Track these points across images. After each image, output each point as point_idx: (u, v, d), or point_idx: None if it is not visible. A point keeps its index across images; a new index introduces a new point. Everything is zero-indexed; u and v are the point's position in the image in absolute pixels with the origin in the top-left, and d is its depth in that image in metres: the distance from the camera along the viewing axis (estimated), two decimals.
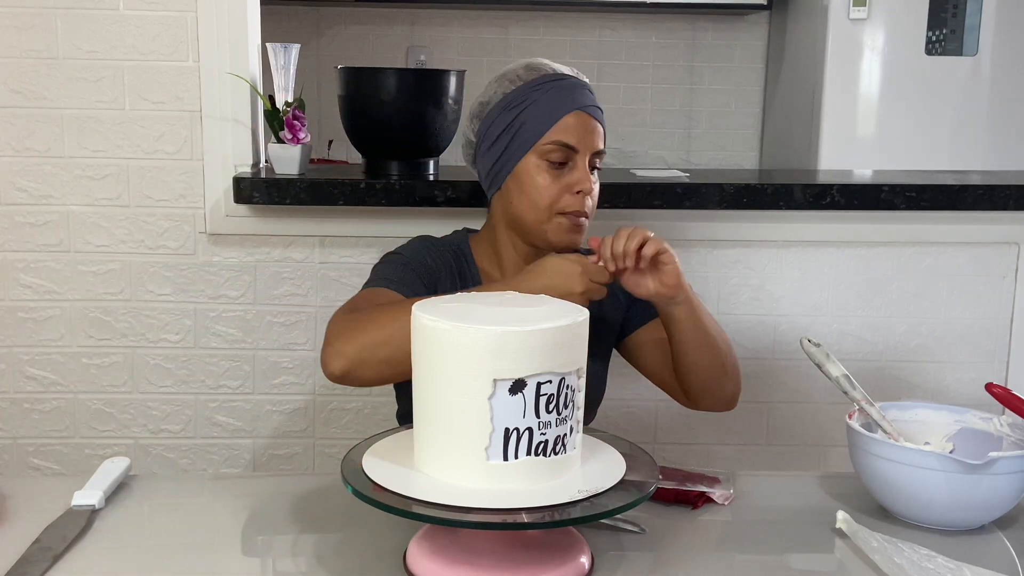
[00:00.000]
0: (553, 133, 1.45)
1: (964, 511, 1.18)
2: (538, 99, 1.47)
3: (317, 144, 3.23)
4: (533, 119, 1.46)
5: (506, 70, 1.53)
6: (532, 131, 1.46)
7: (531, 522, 0.98)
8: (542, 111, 1.46)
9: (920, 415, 1.33)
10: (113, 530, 1.16)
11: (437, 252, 1.54)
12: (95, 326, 1.91)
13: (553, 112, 1.46)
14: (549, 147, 1.45)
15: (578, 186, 1.46)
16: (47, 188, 1.87)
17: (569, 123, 1.46)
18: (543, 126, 1.46)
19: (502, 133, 1.48)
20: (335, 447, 1.98)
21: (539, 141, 1.46)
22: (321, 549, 1.15)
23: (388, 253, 1.55)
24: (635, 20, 3.73)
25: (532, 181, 1.46)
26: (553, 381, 1.00)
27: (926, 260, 2.01)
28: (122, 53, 1.84)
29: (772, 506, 1.26)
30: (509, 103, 1.48)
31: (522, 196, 1.48)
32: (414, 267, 1.49)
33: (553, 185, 1.46)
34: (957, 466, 1.15)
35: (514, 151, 1.48)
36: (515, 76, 1.50)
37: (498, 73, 1.54)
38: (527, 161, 1.47)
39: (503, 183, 1.50)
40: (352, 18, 3.67)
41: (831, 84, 3.16)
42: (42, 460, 1.95)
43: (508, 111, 1.48)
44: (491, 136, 1.50)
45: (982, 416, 1.30)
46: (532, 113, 1.46)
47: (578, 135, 1.46)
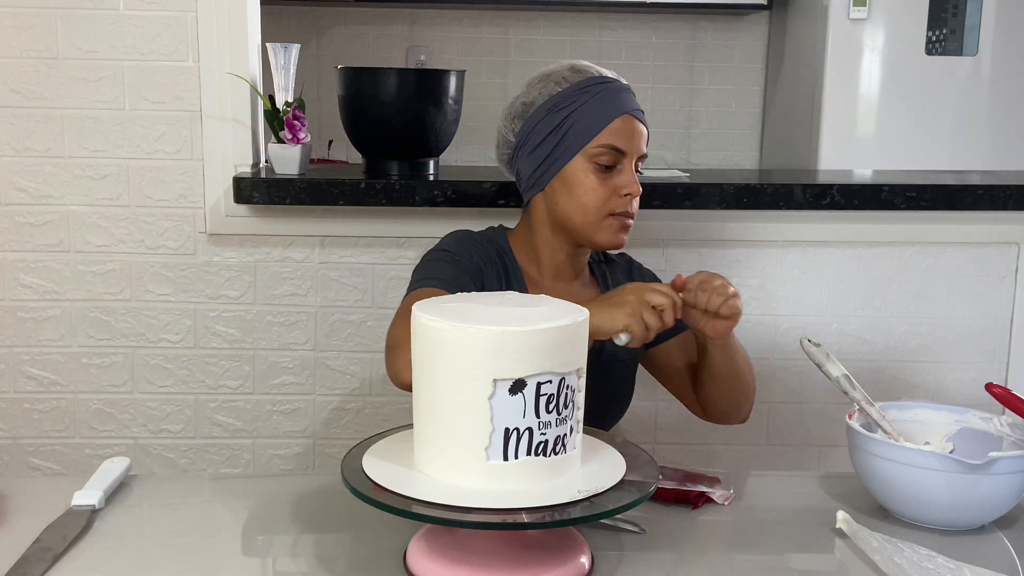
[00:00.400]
0: (603, 136, 1.45)
1: (964, 511, 1.18)
2: (587, 102, 1.46)
3: (317, 144, 3.23)
4: (582, 122, 1.46)
5: (550, 71, 1.52)
6: (581, 134, 1.46)
7: (531, 522, 0.98)
8: (591, 114, 1.46)
9: (920, 415, 1.33)
10: (113, 530, 1.16)
11: (482, 249, 1.53)
12: (95, 326, 1.91)
13: (603, 115, 1.46)
14: (598, 150, 1.45)
15: (626, 189, 1.46)
16: (47, 188, 1.87)
17: (618, 127, 1.46)
18: (593, 129, 1.45)
19: (549, 135, 1.47)
20: (335, 447, 1.98)
21: (588, 144, 1.45)
22: (321, 549, 1.15)
23: (434, 250, 1.54)
24: (635, 20, 3.73)
25: (581, 183, 1.46)
26: (553, 381, 1.00)
27: (926, 260, 2.01)
28: (122, 53, 1.84)
29: (772, 506, 1.26)
30: (556, 104, 1.47)
31: (570, 198, 1.47)
32: (464, 265, 1.49)
33: (602, 187, 1.46)
34: (957, 466, 1.15)
35: (561, 153, 1.47)
36: (561, 78, 1.50)
37: (540, 73, 1.53)
38: (575, 163, 1.46)
39: (547, 184, 1.49)
40: (352, 18, 3.67)
41: (831, 84, 3.16)
42: (42, 460, 1.95)
43: (555, 113, 1.47)
44: (536, 137, 1.49)
45: (982, 416, 1.30)
46: (581, 116, 1.46)
47: (626, 139, 1.46)
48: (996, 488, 1.16)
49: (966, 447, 1.27)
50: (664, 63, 3.75)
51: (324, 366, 1.96)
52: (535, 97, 1.50)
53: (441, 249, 1.53)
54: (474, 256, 1.51)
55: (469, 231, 1.58)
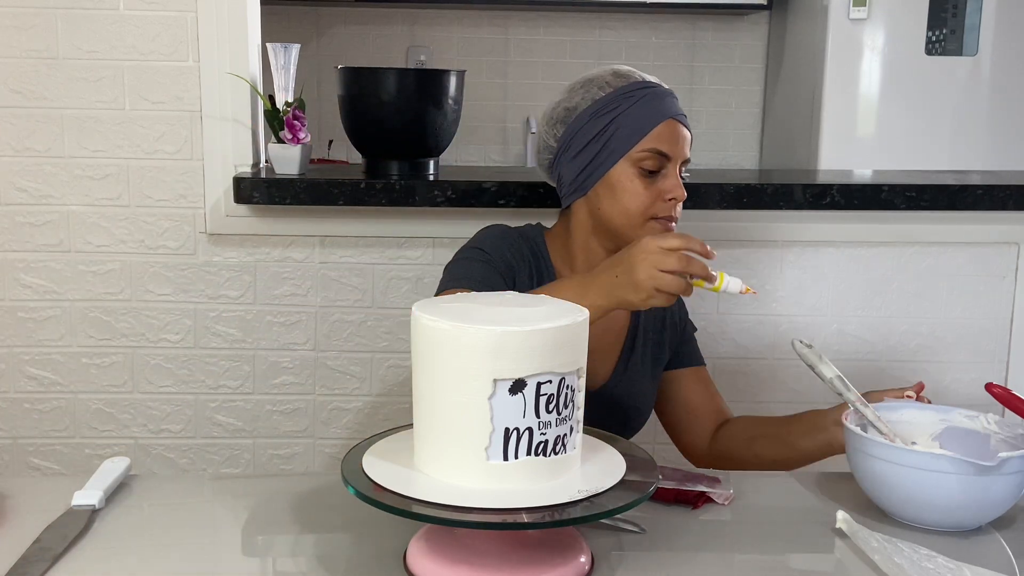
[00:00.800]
0: (647, 141, 1.44)
1: (972, 512, 1.18)
2: (631, 106, 1.45)
3: (317, 144, 3.23)
4: (627, 126, 1.45)
5: (592, 75, 1.51)
6: (626, 138, 1.45)
7: (531, 522, 0.98)
8: (636, 119, 1.45)
9: (906, 415, 1.32)
10: (113, 530, 1.16)
11: (515, 246, 1.52)
12: (95, 326, 1.91)
13: (648, 120, 1.45)
14: (643, 155, 1.44)
15: (671, 193, 1.45)
16: (47, 188, 1.87)
17: (662, 131, 1.45)
18: (637, 134, 1.45)
19: (592, 140, 1.46)
20: (335, 447, 1.98)
21: (633, 148, 1.45)
22: (321, 549, 1.15)
23: (468, 247, 1.52)
24: (635, 20, 3.73)
25: (625, 188, 1.45)
26: (553, 381, 1.00)
27: (926, 260, 2.01)
28: (122, 53, 1.84)
29: (772, 506, 1.26)
30: (599, 109, 1.46)
31: (614, 202, 1.46)
32: (496, 265, 1.48)
33: (646, 192, 1.45)
34: (969, 468, 1.13)
35: (605, 158, 1.46)
36: (603, 82, 1.49)
37: (582, 78, 1.52)
38: (619, 168, 1.45)
39: (590, 189, 1.48)
40: (352, 18, 3.67)
41: (831, 84, 3.16)
42: (42, 460, 1.95)
43: (599, 117, 1.46)
44: (579, 142, 1.48)
45: (967, 414, 1.30)
46: (625, 120, 1.45)
47: (671, 143, 1.46)
48: (1004, 488, 1.16)
49: (952, 446, 1.26)
50: (664, 63, 3.75)
51: (324, 366, 1.96)
52: (578, 102, 1.49)
53: (475, 247, 1.51)
54: (506, 254, 1.50)
55: (506, 227, 1.57)
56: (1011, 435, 1.25)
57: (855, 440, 1.22)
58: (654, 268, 1.22)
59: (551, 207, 1.84)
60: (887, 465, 1.18)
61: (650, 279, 1.23)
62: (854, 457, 1.23)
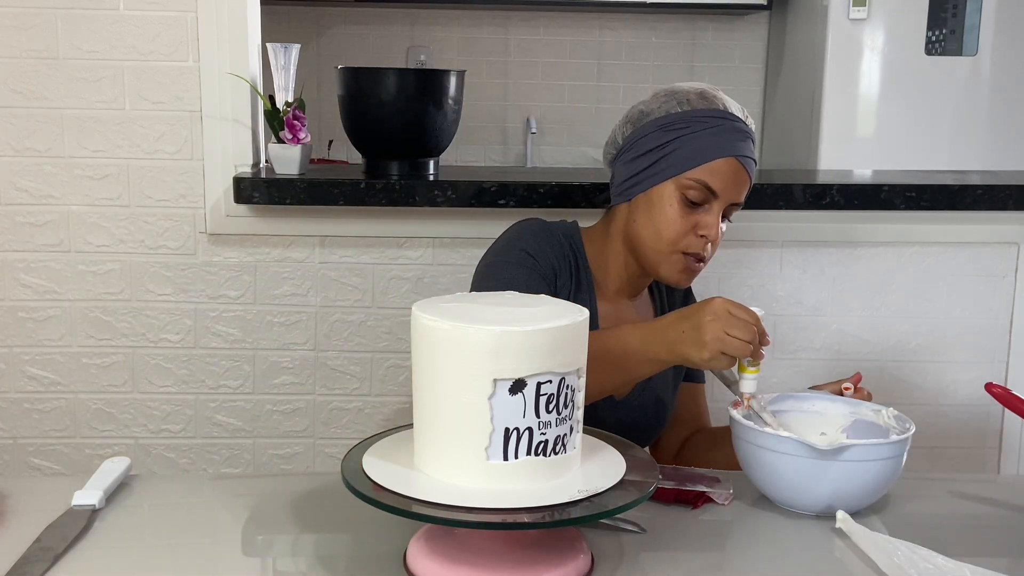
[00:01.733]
0: (701, 171, 1.41)
1: (814, 494, 1.21)
2: (699, 131, 1.42)
3: (317, 144, 3.23)
4: (687, 149, 1.42)
5: (680, 88, 1.48)
6: (681, 161, 1.42)
7: (531, 522, 0.98)
8: (699, 145, 1.42)
9: (818, 406, 1.35)
10: (113, 530, 1.16)
11: (557, 245, 1.50)
12: (95, 326, 1.91)
13: (709, 150, 1.42)
14: (691, 183, 1.42)
15: (704, 230, 1.43)
16: (47, 188, 1.87)
17: (720, 167, 1.42)
18: (694, 161, 1.42)
19: (651, 150, 1.44)
20: (335, 447, 1.98)
21: (684, 173, 1.42)
22: (321, 549, 1.15)
23: (513, 247, 1.48)
24: (635, 20, 3.73)
25: (663, 210, 1.43)
26: (553, 381, 1.00)
27: (926, 260, 2.01)
28: (122, 53, 1.84)
29: (772, 506, 1.26)
30: (669, 124, 1.44)
31: (648, 220, 1.45)
32: (540, 270, 1.46)
33: (681, 220, 1.43)
34: (807, 451, 1.18)
35: (656, 172, 1.44)
36: (685, 99, 1.46)
37: (670, 87, 1.49)
38: (665, 187, 1.43)
39: (634, 198, 1.47)
40: (352, 18, 3.67)
41: (831, 84, 3.16)
42: (42, 460, 1.95)
43: (665, 131, 1.44)
44: (639, 148, 1.46)
45: (873, 408, 1.33)
46: (688, 143, 1.42)
47: (724, 182, 1.42)
48: (846, 474, 1.19)
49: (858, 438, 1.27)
50: (664, 63, 3.75)
51: (324, 366, 1.96)
52: (653, 109, 1.47)
53: (520, 249, 1.48)
54: (551, 257, 1.48)
55: (544, 223, 1.54)
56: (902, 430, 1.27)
57: (733, 427, 1.28)
58: (722, 331, 1.22)
59: (551, 207, 1.84)
60: (750, 447, 1.24)
61: (717, 341, 1.22)
62: (735, 442, 1.28)
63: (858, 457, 1.18)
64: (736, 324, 1.22)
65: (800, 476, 1.20)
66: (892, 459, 1.20)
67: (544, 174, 2.04)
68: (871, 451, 1.19)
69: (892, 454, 1.20)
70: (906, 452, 1.23)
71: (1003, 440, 2.07)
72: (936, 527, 1.23)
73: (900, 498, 1.31)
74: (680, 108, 1.45)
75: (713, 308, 1.24)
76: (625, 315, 1.54)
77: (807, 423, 1.33)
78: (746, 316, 1.23)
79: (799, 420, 1.34)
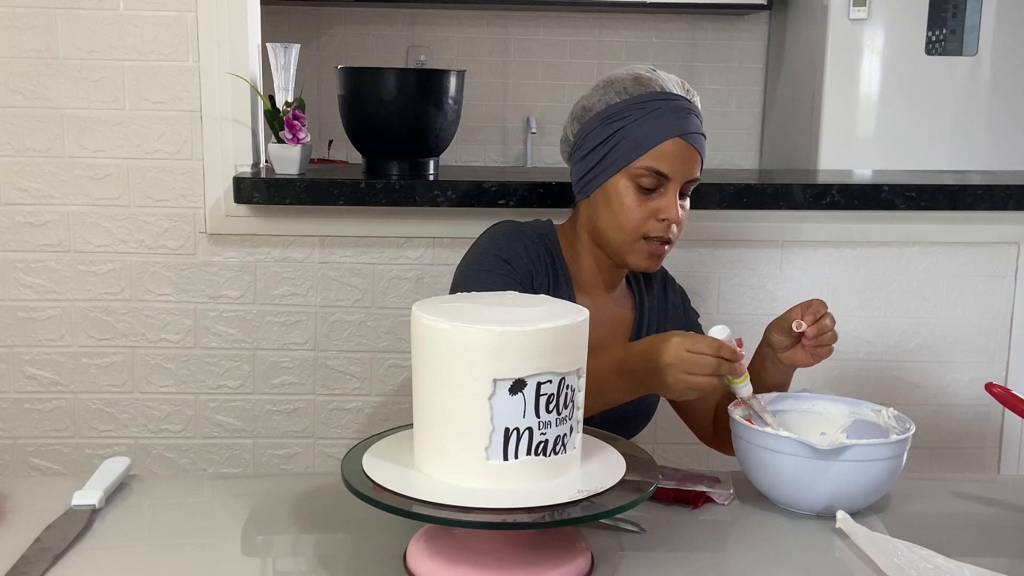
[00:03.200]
0: (648, 158, 1.42)
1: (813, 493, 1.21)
2: (640, 118, 1.42)
3: (317, 144, 3.23)
4: (631, 139, 1.42)
5: (615, 77, 1.48)
6: (627, 151, 1.42)
7: (531, 522, 0.98)
8: (641, 133, 1.42)
9: (817, 406, 1.35)
10: (113, 530, 1.16)
11: (531, 246, 1.50)
12: (95, 326, 1.91)
13: (652, 136, 1.42)
14: (641, 171, 1.42)
15: (664, 214, 1.43)
16: (47, 188, 1.87)
17: (666, 149, 1.42)
18: (639, 149, 1.42)
19: (599, 145, 1.45)
20: (335, 447, 1.98)
21: (632, 163, 1.42)
22: (321, 549, 1.15)
23: (484, 252, 1.49)
24: (635, 20, 3.73)
25: (620, 201, 1.44)
26: (553, 381, 1.00)
27: (926, 260, 2.01)
28: (122, 53, 1.84)
29: (772, 506, 1.26)
30: (610, 116, 1.44)
31: (608, 214, 1.45)
32: (516, 276, 1.46)
33: (640, 208, 1.43)
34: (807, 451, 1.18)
35: (606, 167, 1.44)
36: (622, 88, 1.46)
37: (606, 78, 1.50)
38: (618, 180, 1.44)
39: (591, 194, 1.48)
40: (352, 18, 3.67)
41: (831, 84, 3.16)
42: (42, 460, 1.95)
43: (607, 124, 1.44)
44: (587, 145, 1.46)
45: (873, 408, 1.33)
46: (631, 132, 1.42)
47: (673, 163, 1.42)
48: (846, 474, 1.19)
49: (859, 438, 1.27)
50: (664, 63, 3.74)
51: (324, 366, 1.96)
52: (594, 103, 1.47)
53: (495, 255, 1.48)
54: (525, 259, 1.48)
55: (517, 224, 1.55)
56: (902, 430, 1.27)
57: (733, 427, 1.27)
58: (682, 373, 1.22)
59: (552, 207, 1.84)
60: (749, 446, 1.24)
61: (680, 382, 1.22)
62: (735, 443, 1.28)
63: (858, 457, 1.18)
64: (694, 363, 1.21)
65: (800, 476, 1.20)
66: (892, 459, 1.20)
67: (544, 174, 2.04)
68: (871, 451, 1.19)
69: (892, 454, 1.20)
70: (906, 452, 1.23)
71: (1003, 440, 2.07)
72: (936, 527, 1.23)
73: (900, 498, 1.31)
74: (619, 98, 1.45)
75: (669, 353, 1.22)
76: (605, 309, 1.54)
77: (807, 423, 1.34)
78: (704, 349, 1.21)
79: (799, 420, 1.34)
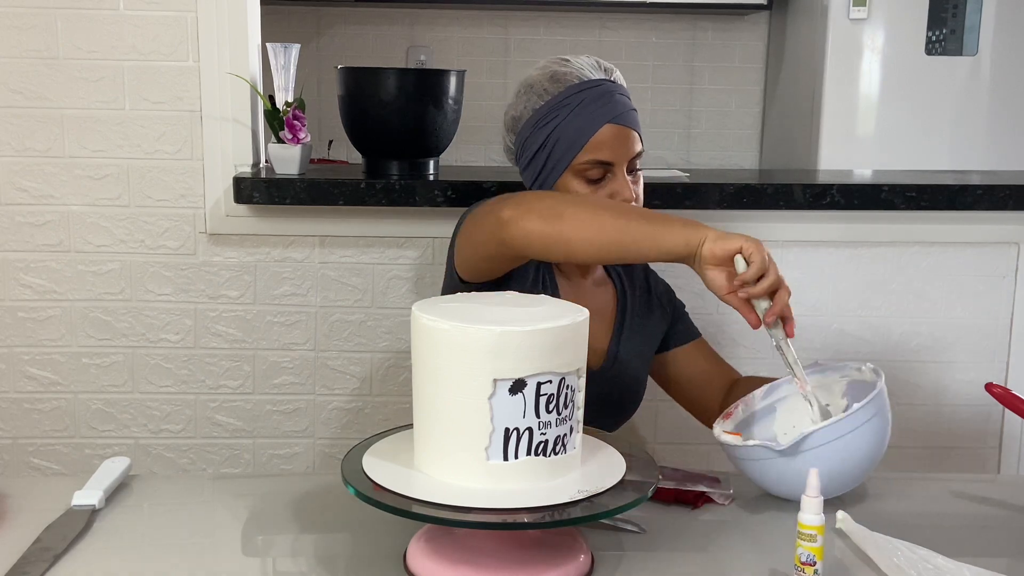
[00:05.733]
0: (586, 152, 1.43)
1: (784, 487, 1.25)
2: (567, 116, 1.44)
3: (317, 144, 3.23)
4: (565, 139, 1.44)
5: (532, 81, 1.50)
6: (565, 152, 1.44)
7: (531, 522, 0.98)
8: (573, 130, 1.43)
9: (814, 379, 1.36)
10: (113, 530, 1.16)
11: None
12: (95, 326, 1.91)
13: (583, 131, 1.43)
14: (584, 166, 1.44)
15: (619, 196, 1.44)
16: (47, 188, 1.87)
17: (602, 138, 1.43)
18: (576, 146, 1.43)
19: (538, 151, 1.47)
20: (335, 447, 1.98)
21: (573, 161, 1.44)
22: (321, 549, 1.15)
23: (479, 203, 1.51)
24: (635, 20, 3.73)
25: None
26: (553, 381, 1.00)
27: (926, 260, 2.01)
28: (122, 53, 1.84)
29: (772, 506, 1.26)
30: (539, 121, 1.46)
31: None
32: None
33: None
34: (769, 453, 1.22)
35: (551, 170, 1.46)
36: (542, 90, 1.47)
37: (523, 83, 1.51)
38: (566, 180, 1.46)
39: None
40: (352, 18, 3.67)
41: (831, 84, 3.16)
42: (42, 460, 1.95)
43: (539, 129, 1.46)
44: (528, 153, 1.49)
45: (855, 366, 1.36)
46: (563, 132, 1.44)
47: (612, 149, 1.44)
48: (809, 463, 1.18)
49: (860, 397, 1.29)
50: (664, 63, 3.75)
51: (324, 366, 1.96)
52: (521, 111, 1.50)
53: None
54: None
55: None
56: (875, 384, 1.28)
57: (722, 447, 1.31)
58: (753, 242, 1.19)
59: None
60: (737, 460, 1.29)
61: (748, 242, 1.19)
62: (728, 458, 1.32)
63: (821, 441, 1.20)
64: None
65: (782, 475, 1.23)
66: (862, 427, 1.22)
67: None
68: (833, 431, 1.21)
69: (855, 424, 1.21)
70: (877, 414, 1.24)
71: (1003, 440, 2.07)
72: (936, 527, 1.23)
73: (900, 498, 1.31)
74: (541, 101, 1.47)
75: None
76: (586, 296, 1.55)
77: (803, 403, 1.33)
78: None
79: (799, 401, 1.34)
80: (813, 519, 1.03)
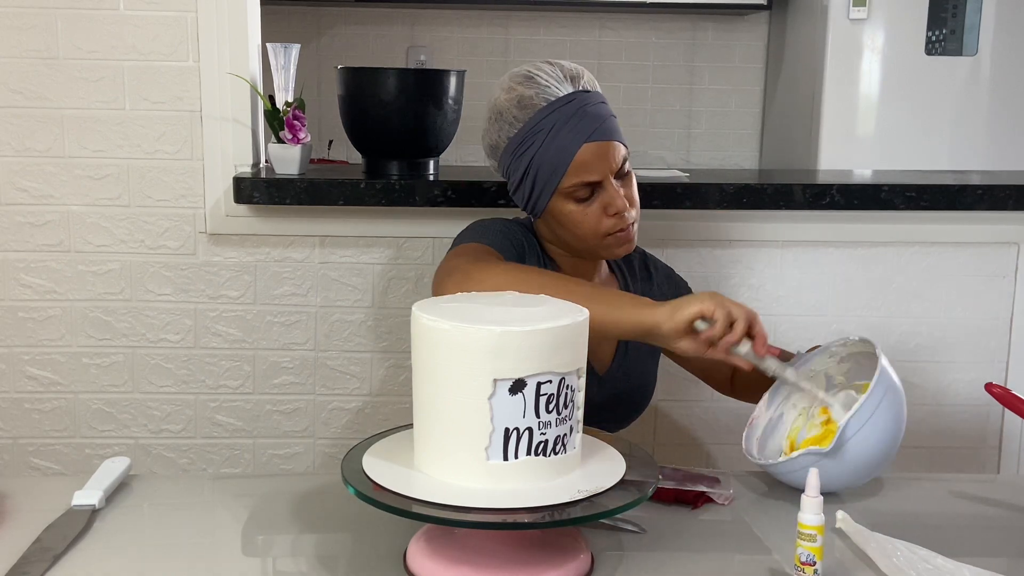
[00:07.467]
0: (570, 175, 1.42)
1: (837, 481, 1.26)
2: (543, 142, 1.42)
3: (317, 144, 3.23)
4: (545, 166, 1.42)
5: (500, 107, 1.47)
6: (548, 178, 1.43)
7: (531, 522, 0.98)
8: (551, 155, 1.42)
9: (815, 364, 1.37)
10: (113, 530, 1.16)
11: (520, 232, 1.53)
12: (95, 326, 1.91)
13: (562, 155, 1.41)
14: (571, 188, 1.43)
15: (612, 208, 1.44)
16: (47, 188, 1.87)
17: (583, 159, 1.42)
18: (558, 172, 1.42)
19: (523, 177, 1.46)
20: (335, 447, 1.98)
21: (559, 185, 1.43)
22: (321, 549, 1.15)
23: (476, 222, 1.53)
24: (635, 20, 3.73)
25: (568, 219, 1.45)
26: (553, 381, 1.00)
27: (926, 260, 2.01)
28: (122, 53, 1.84)
29: (772, 506, 1.26)
30: (515, 149, 1.45)
31: (563, 229, 1.47)
32: (510, 237, 1.49)
33: (587, 215, 1.44)
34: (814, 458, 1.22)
35: (539, 195, 1.45)
36: (512, 118, 1.45)
37: (493, 108, 1.49)
38: (555, 203, 1.45)
39: (541, 216, 1.50)
40: (352, 18, 3.67)
41: (831, 84, 3.16)
42: (42, 460, 1.95)
43: (518, 158, 1.45)
44: (514, 179, 1.48)
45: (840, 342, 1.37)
46: (542, 159, 1.42)
47: (595, 167, 1.42)
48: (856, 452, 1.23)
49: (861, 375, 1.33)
50: (664, 63, 3.75)
51: (324, 366, 1.96)
52: (496, 139, 1.49)
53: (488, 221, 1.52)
54: (520, 237, 1.51)
55: (504, 219, 1.57)
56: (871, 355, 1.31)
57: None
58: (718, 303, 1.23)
59: None
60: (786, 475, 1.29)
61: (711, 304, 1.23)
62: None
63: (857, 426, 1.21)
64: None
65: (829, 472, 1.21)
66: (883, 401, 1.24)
67: None
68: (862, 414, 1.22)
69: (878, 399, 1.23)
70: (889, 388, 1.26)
71: (1003, 440, 2.07)
72: (936, 527, 1.23)
73: (901, 498, 1.31)
74: (513, 130, 1.45)
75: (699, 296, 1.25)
76: None
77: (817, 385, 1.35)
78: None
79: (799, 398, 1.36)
80: (813, 519, 1.03)
